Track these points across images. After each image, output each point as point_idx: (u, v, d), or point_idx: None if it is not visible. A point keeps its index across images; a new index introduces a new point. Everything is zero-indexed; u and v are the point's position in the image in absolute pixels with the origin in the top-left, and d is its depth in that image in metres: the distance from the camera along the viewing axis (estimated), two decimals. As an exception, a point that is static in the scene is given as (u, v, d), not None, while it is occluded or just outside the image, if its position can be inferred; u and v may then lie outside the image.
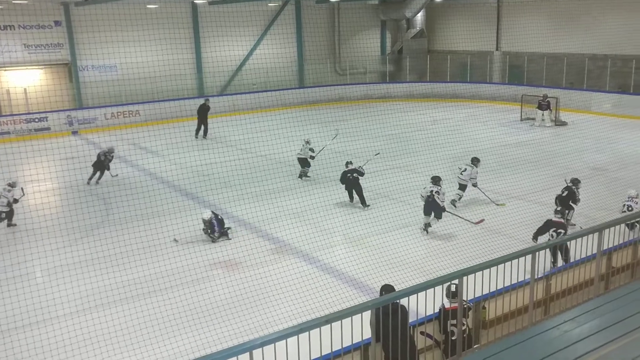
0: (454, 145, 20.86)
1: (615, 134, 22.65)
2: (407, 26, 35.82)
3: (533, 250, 6.42)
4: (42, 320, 9.07)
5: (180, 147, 19.81)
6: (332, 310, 8.09)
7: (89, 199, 15.47)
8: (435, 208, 12.75)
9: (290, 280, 10.33)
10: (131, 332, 8.72)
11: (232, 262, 11.53)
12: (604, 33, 25.98)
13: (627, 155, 19.32)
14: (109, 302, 9.89)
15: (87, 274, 10.59)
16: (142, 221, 13.37)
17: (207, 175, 17.62)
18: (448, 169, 18.15)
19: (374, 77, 35.46)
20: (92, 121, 26.68)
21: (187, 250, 11.90)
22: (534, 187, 15.63)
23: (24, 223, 13.24)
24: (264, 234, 13.09)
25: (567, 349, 4.94)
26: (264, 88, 29.68)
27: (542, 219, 12.62)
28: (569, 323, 5.43)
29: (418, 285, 5.76)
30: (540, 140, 22.46)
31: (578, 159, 18.79)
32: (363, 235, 12.75)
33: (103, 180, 17.46)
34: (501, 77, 32.66)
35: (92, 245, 11.87)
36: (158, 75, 25.07)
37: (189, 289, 10.30)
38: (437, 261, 10.80)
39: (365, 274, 10.61)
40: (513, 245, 10.79)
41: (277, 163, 19.24)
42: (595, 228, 7.02)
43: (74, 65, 27.11)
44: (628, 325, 5.16)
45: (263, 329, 8.55)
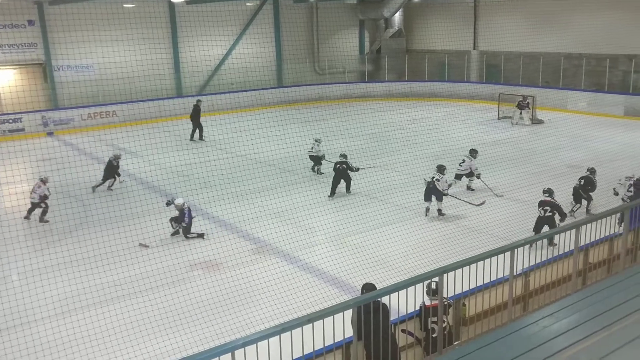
0: (433, 144, 21.00)
1: (590, 131, 23.00)
2: (386, 26, 35.98)
3: (512, 247, 6.49)
4: (20, 325, 8.96)
5: (159, 148, 19.65)
6: (313, 309, 8.11)
7: (67, 201, 15.27)
8: (435, 193, 13.82)
9: (271, 280, 10.33)
10: (111, 335, 8.64)
11: (212, 263, 11.48)
12: (579, 32, 26.40)
13: (603, 152, 19.62)
14: (88, 305, 9.79)
15: (65, 277, 10.45)
16: (122, 223, 13.25)
17: (186, 175, 17.52)
18: (427, 167, 18.25)
19: (353, 77, 35.54)
20: (68, 122, 26.33)
21: (167, 251, 11.82)
22: (512, 185, 15.80)
23: (0, 225, 13.02)
24: (244, 234, 13.05)
25: (546, 344, 5.00)
26: (243, 88, 29.59)
27: (520, 217, 12.81)
28: (547, 318, 5.50)
29: (399, 283, 5.79)
30: (517, 138, 22.71)
31: (555, 157, 19.06)
32: (344, 234, 12.78)
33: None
34: (479, 76, 32.97)
35: (71, 248, 11.72)
36: (135, 75, 24.82)
37: (169, 290, 10.23)
38: (418, 259, 10.87)
39: (347, 273, 10.63)
40: (492, 243, 10.92)
41: (257, 163, 19.20)
42: (573, 225, 7.12)
43: (48, 65, 26.74)
44: (605, 319, 5.25)
45: (245, 329, 8.53)
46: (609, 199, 13.18)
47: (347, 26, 35.52)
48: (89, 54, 26.10)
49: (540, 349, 4.93)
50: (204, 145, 20.49)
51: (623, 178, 13.39)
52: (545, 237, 6.93)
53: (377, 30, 36.55)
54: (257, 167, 18.69)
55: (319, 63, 34.53)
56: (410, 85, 33.49)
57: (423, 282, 6.06)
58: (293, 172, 17.97)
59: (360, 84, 34.34)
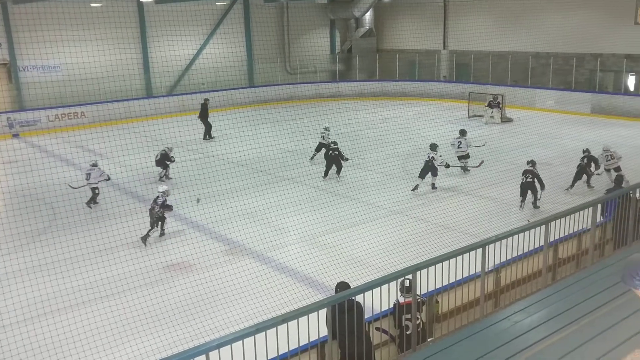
0: (404, 142, 21.14)
1: (558, 129, 23.42)
2: (356, 25, 36.11)
3: (483, 244, 6.57)
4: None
5: (128, 149, 19.36)
6: (288, 309, 8.08)
7: (34, 204, 14.97)
8: (432, 170, 15.69)
9: (245, 281, 10.28)
10: (82, 339, 8.50)
11: (185, 265, 11.38)
12: (547, 32, 26.87)
13: (571, 149, 19.95)
14: (58, 309, 9.61)
15: (34, 281, 10.23)
16: (91, 225, 13.06)
17: (156, 177, 17.33)
18: (399, 166, 18.42)
19: (324, 76, 35.57)
20: (35, 123, 25.83)
21: (138, 253, 11.67)
22: (482, 183, 16.00)
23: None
24: (216, 235, 12.96)
25: (518, 339, 5.08)
26: (213, 88, 29.39)
27: (491, 214, 12.99)
28: (518, 314, 5.59)
29: (372, 281, 5.81)
30: (487, 136, 22.97)
31: (524, 154, 19.27)
32: (317, 233, 12.79)
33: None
34: (449, 75, 33.31)
35: (39, 252, 11.48)
36: (104, 75, 24.50)
37: (141, 292, 10.10)
38: (391, 257, 10.92)
39: (320, 272, 10.64)
40: (463, 240, 11.02)
41: (229, 163, 19.06)
42: (542, 221, 7.24)
43: (13, 65, 26.18)
44: (575, 313, 5.35)
45: (219, 330, 8.47)
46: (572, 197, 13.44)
47: (317, 26, 35.56)
48: (55, 54, 25.59)
49: (512, 344, 5.00)
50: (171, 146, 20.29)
51: (601, 150, 15.45)
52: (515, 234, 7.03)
53: (348, 29, 36.66)
54: (229, 167, 18.56)
55: (290, 63, 34.50)
56: (381, 85, 33.71)
57: (397, 280, 6.10)
58: (265, 172, 17.92)
59: (331, 83, 34.42)
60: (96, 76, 23.84)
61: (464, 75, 32.22)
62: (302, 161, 18.75)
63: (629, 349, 3.61)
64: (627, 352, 3.53)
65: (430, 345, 6.24)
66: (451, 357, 5.11)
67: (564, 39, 26.22)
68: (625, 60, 25.90)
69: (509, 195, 14.69)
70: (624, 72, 26.27)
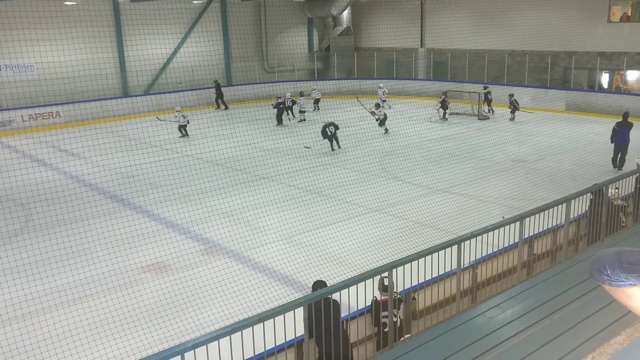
0: (382, 140, 21.22)
1: (534, 127, 23.69)
2: (334, 24, 36.14)
3: (459, 241, 6.61)
4: (-42, 335, 8.57)
5: (103, 149, 19.19)
6: (264, 308, 8.04)
7: (7, 205, 14.73)
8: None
9: (221, 281, 10.21)
10: (55, 342, 8.36)
11: (160, 265, 11.27)
12: (522, 30, 27.16)
13: (546, 146, 20.23)
14: (30, 312, 9.45)
15: (5, 284, 10.07)
16: (66, 226, 12.87)
17: (132, 176, 17.14)
18: (377, 164, 18.47)
19: (302, 75, 35.54)
20: (8, 124, 25.40)
21: (113, 254, 11.53)
22: (458, 180, 16.12)
23: None
24: (193, 234, 12.87)
25: (493, 334, 5.12)
26: (190, 87, 29.19)
27: (467, 211, 13.08)
28: (494, 309, 5.63)
29: (349, 279, 5.81)
30: (463, 134, 23.18)
31: (500, 152, 19.53)
32: (295, 232, 12.76)
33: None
34: (426, 74, 33.49)
35: (11, 254, 11.30)
36: (78, 74, 24.17)
37: (116, 294, 9.98)
38: (367, 255, 10.94)
39: (297, 271, 10.62)
40: (439, 237, 11.06)
41: (205, 162, 18.97)
42: (517, 217, 7.30)
43: (-15, 65, 25.72)
44: (549, 308, 5.40)
45: (195, 331, 8.40)
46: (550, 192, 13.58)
47: (295, 24, 35.51)
48: (28, 53, 25.18)
49: (487, 339, 5.04)
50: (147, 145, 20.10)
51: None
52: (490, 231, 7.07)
53: (326, 28, 36.68)
54: (205, 166, 18.47)
55: (268, 61, 34.41)
56: (359, 83, 33.76)
57: (373, 278, 6.10)
58: (242, 171, 17.84)
59: (309, 82, 34.41)
60: (71, 75, 23.48)
61: (441, 73, 32.42)
62: (279, 160, 18.70)
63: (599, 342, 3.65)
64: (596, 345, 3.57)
65: (407, 341, 6.26)
66: (427, 353, 5.13)
67: (539, 37, 26.56)
68: (599, 58, 26.28)
69: (485, 192, 14.82)
70: (597, 70, 26.66)
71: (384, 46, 33.74)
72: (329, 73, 35.65)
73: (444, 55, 32.08)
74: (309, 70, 36.01)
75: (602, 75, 27.18)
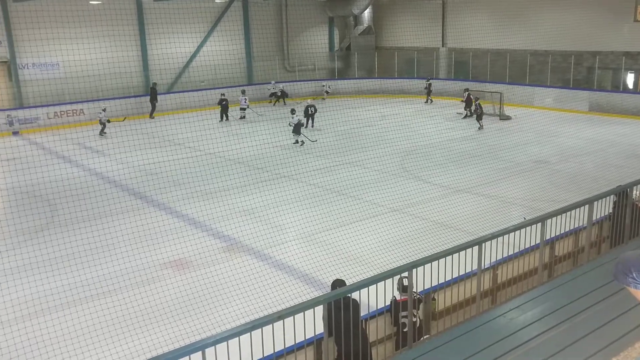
0: (403, 140, 21.17)
1: (556, 127, 23.45)
2: (355, 23, 36.10)
3: (479, 241, 6.59)
4: (-15, 327, 8.77)
5: (126, 146, 19.39)
6: (284, 306, 8.10)
7: (33, 201, 15.00)
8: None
9: (242, 278, 10.29)
10: (79, 336, 8.52)
11: (182, 262, 11.40)
12: (545, 29, 26.89)
13: (568, 147, 20.02)
14: (55, 306, 9.63)
15: (31, 278, 10.27)
16: (89, 222, 13.07)
17: (155, 174, 17.35)
18: (397, 163, 18.45)
19: (322, 74, 35.58)
20: (34, 121, 25.82)
21: (136, 251, 11.67)
22: (479, 180, 16.03)
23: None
24: (214, 232, 12.98)
25: (513, 336, 5.11)
26: (212, 85, 29.38)
27: (488, 212, 13.02)
28: (514, 311, 5.61)
29: (369, 278, 5.83)
30: (485, 134, 23.03)
31: (521, 152, 19.37)
32: (315, 231, 12.80)
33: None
34: (447, 73, 33.32)
35: (37, 249, 11.50)
36: (102, 73, 24.50)
37: (138, 290, 10.12)
38: (387, 255, 10.94)
39: (317, 270, 10.66)
40: (460, 238, 11.03)
41: (227, 161, 19.10)
42: (538, 218, 7.25)
43: (13, 63, 26.14)
44: (570, 310, 5.37)
45: (215, 327, 8.49)
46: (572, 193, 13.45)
47: (316, 23, 35.54)
48: (54, 51, 25.61)
49: (507, 341, 5.03)
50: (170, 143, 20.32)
51: None
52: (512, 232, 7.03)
53: (347, 27, 36.66)
54: (227, 165, 18.60)
55: (288, 60, 34.50)
56: (379, 82, 33.72)
57: (393, 277, 6.11)
58: (263, 169, 17.93)
59: (329, 81, 34.45)
60: (95, 73, 23.83)
61: (463, 73, 32.23)
62: (300, 158, 18.77)
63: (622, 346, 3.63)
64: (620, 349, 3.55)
65: (426, 342, 6.27)
66: (446, 354, 5.13)
67: (562, 36, 26.26)
68: (624, 57, 25.91)
69: (506, 192, 14.72)
70: (622, 70, 26.28)
71: (405, 45, 33.64)
72: (349, 72, 35.64)
73: (465, 54, 31.88)
74: (330, 69, 36.04)
75: (627, 75, 26.78)
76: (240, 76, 31.83)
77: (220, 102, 26.89)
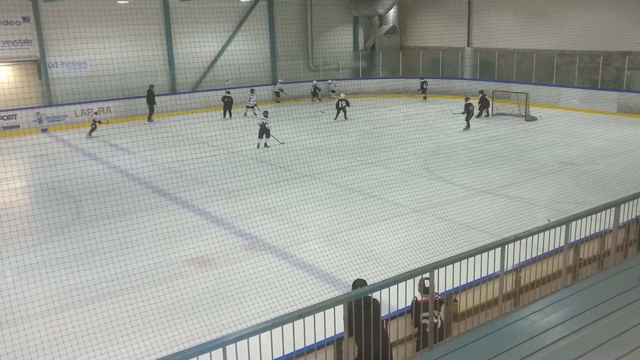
0: (426, 140, 21.05)
1: (583, 128, 23.10)
2: (380, 22, 36.01)
3: (502, 243, 6.52)
4: (13, 320, 8.94)
5: (151, 144, 19.61)
6: (305, 305, 8.12)
7: (59, 197, 15.26)
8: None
9: (263, 276, 10.35)
10: (103, 331, 8.65)
11: (205, 259, 11.49)
12: (573, 29, 26.49)
13: (595, 149, 19.72)
14: (80, 301, 9.78)
15: (57, 273, 10.44)
16: (114, 219, 13.25)
17: (179, 172, 17.52)
18: (420, 164, 18.36)
19: (346, 73, 35.56)
20: (62, 118, 26.26)
21: (159, 247, 11.81)
22: (503, 182, 15.87)
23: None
24: (237, 230, 13.06)
25: (535, 339, 5.04)
26: (237, 84, 29.56)
27: (512, 213, 12.89)
28: (537, 314, 5.54)
29: (390, 279, 5.81)
30: (510, 135, 22.80)
31: (547, 154, 19.14)
32: (336, 230, 12.80)
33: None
34: (472, 73, 33.04)
35: (63, 244, 11.71)
36: (129, 71, 24.77)
37: (161, 286, 10.23)
38: (408, 256, 10.90)
39: (338, 269, 10.67)
40: (483, 239, 10.95)
41: (250, 160, 19.20)
42: (563, 221, 7.16)
43: (43, 61, 26.63)
44: (594, 314, 5.29)
45: (236, 324, 8.54)
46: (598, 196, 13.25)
47: (341, 23, 35.54)
48: (82, 50, 26.02)
49: (529, 344, 4.97)
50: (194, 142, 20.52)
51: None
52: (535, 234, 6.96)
53: (371, 27, 36.58)
54: (250, 163, 18.70)
55: (313, 60, 34.54)
56: (403, 82, 33.59)
57: (414, 278, 6.09)
58: (285, 168, 17.99)
59: (353, 80, 34.41)
60: (121, 72, 24.10)
61: (488, 73, 31.94)
62: (322, 158, 18.79)
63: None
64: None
65: (447, 343, 6.23)
66: (468, 356, 5.09)
67: (591, 36, 25.82)
68: (655, 58, 25.45)
69: (531, 194, 14.56)
70: (653, 71, 25.81)
71: (429, 45, 33.45)
72: (373, 72, 35.56)
73: (490, 54, 31.58)
74: (354, 68, 36.01)
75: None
76: (264, 76, 31.97)
77: (224, 99, 27.66)
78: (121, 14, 25.59)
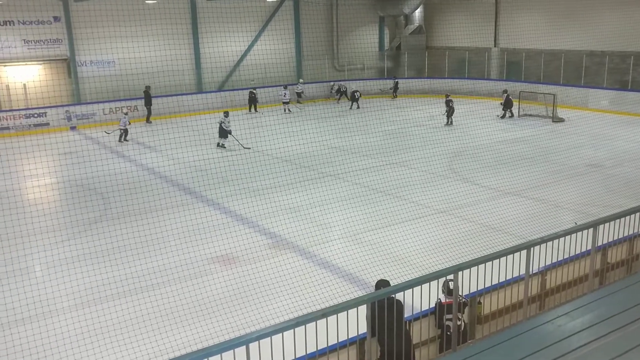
0: (452, 141, 20.92)
1: (612, 130, 22.72)
2: (406, 22, 35.86)
3: (528, 245, 6.46)
4: (42, 314, 9.12)
5: (178, 143, 19.83)
6: (328, 304, 8.14)
7: (87, 194, 15.51)
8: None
9: (286, 275, 10.39)
10: (129, 326, 8.77)
11: (228, 257, 11.58)
12: (602, 29, 26.04)
13: (624, 151, 19.38)
14: (106, 296, 9.94)
15: (85, 268, 10.63)
16: (140, 216, 13.41)
17: (204, 170, 17.66)
18: (445, 165, 18.25)
19: (371, 73, 35.48)
20: (91, 116, 26.67)
21: (185, 245, 11.94)
22: (530, 184, 15.69)
23: (24, 217, 13.26)
24: (261, 229, 13.13)
25: (561, 343, 4.99)
26: (263, 84, 29.71)
27: (538, 215, 12.74)
28: (562, 317, 5.47)
29: (413, 280, 5.80)
30: (537, 136, 22.52)
31: (574, 156, 18.87)
32: (360, 230, 12.80)
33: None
34: (499, 74, 32.72)
35: (90, 240, 11.91)
36: (156, 70, 25.08)
37: (186, 283, 10.35)
38: (432, 257, 10.86)
39: (361, 269, 10.66)
40: (508, 241, 10.86)
41: (274, 159, 19.28)
42: (590, 224, 7.06)
43: (72, 60, 27.08)
44: (621, 319, 5.21)
45: (260, 322, 8.60)
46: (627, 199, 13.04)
47: (366, 22, 35.47)
48: (111, 49, 26.41)
49: (554, 348, 4.91)
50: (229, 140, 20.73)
51: None
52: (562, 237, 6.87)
53: (397, 26, 36.44)
54: (275, 163, 18.78)
55: (338, 59, 34.53)
56: (429, 82, 33.40)
57: (438, 279, 6.06)
58: (309, 168, 18.03)
59: (379, 80, 34.31)
60: (149, 71, 24.41)
61: (515, 73, 31.60)
62: (346, 158, 18.79)
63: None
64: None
65: (471, 345, 6.19)
66: (491, 358, 5.05)
67: (621, 36, 25.37)
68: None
69: (558, 196, 14.38)
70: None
71: (456, 45, 33.19)
72: (398, 71, 35.41)
73: (518, 55, 31.24)
74: (379, 68, 35.91)
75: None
76: (289, 75, 32.05)
77: (250, 94, 28.76)
78: (149, 13, 25.91)
